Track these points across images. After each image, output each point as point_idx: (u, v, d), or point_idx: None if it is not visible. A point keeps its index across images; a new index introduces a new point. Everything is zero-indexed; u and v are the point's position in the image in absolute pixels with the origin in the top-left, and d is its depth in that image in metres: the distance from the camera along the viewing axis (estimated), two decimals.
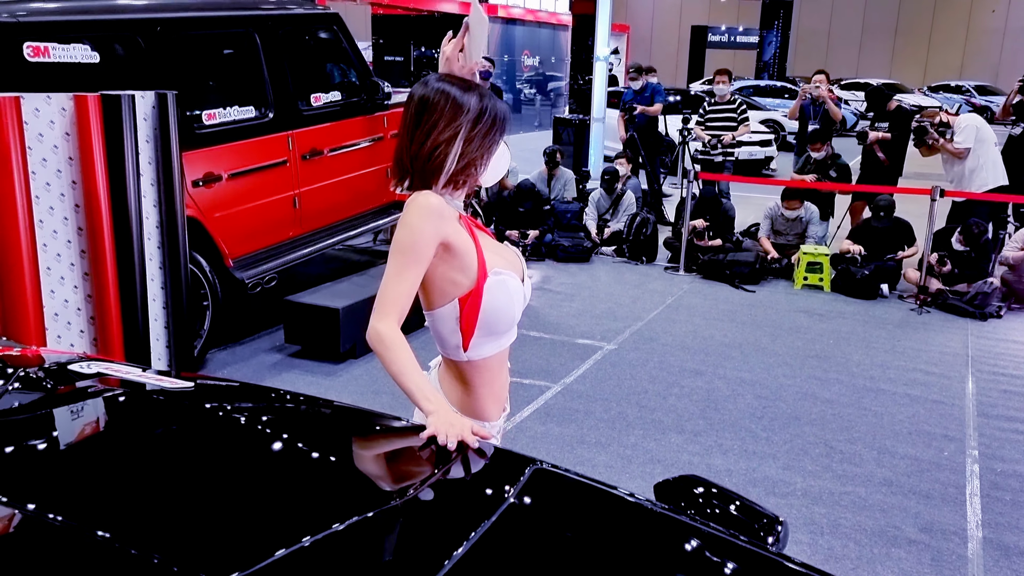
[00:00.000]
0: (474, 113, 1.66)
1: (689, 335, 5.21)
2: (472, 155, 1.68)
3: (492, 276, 1.69)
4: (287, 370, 4.49)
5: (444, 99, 1.65)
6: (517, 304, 1.75)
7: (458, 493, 1.39)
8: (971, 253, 6.03)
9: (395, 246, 1.63)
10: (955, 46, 30.85)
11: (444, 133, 1.64)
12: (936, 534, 3.06)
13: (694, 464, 3.54)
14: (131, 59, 4.09)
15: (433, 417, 1.52)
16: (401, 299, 1.62)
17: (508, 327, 1.77)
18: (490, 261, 1.71)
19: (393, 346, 1.60)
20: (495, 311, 1.70)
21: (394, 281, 1.62)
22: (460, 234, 1.68)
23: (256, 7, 4.99)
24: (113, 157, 3.58)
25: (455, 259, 1.67)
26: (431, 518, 1.28)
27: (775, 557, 1.36)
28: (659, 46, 33.93)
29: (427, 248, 1.63)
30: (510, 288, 1.72)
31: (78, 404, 1.63)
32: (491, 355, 1.77)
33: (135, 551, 1.06)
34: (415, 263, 1.62)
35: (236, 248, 4.62)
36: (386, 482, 1.41)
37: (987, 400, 4.32)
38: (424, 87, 1.68)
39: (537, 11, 17.69)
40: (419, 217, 1.62)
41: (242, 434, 1.55)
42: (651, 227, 7.05)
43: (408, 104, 1.70)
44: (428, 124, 1.65)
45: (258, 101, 4.76)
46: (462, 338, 1.72)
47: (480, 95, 1.68)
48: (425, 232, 1.61)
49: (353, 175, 5.49)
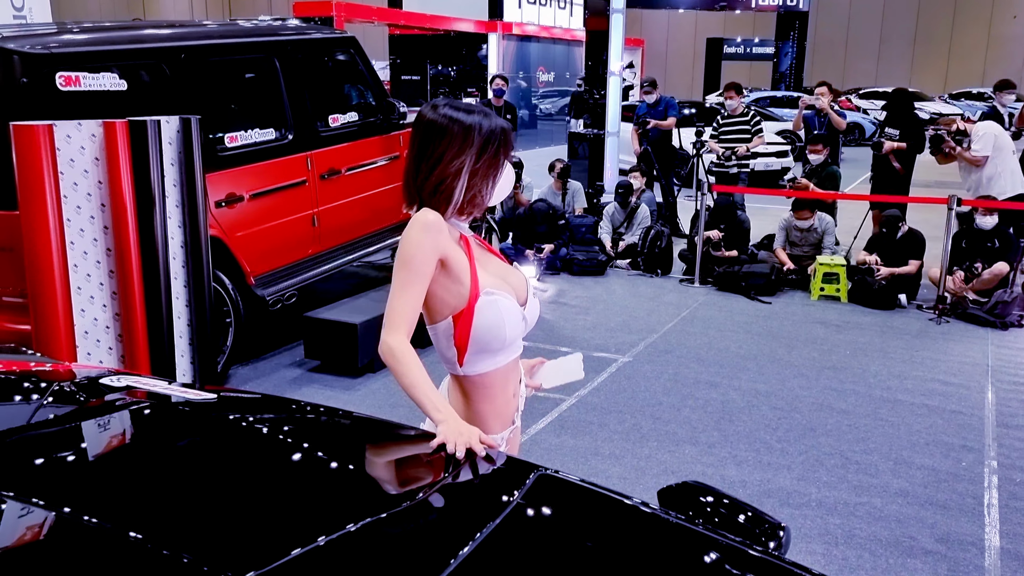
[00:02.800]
0: (478, 144, 1.72)
1: (704, 347, 5.23)
2: (478, 187, 1.75)
3: (484, 296, 1.74)
4: (307, 384, 4.58)
5: (450, 130, 1.70)
6: (510, 325, 1.78)
7: (464, 498, 1.45)
8: (995, 243, 6.00)
9: (398, 261, 1.70)
10: (976, 53, 30.59)
11: (450, 166, 1.71)
12: (953, 545, 3.06)
13: (708, 475, 3.56)
14: (157, 86, 4.23)
15: (443, 426, 1.58)
16: (407, 313, 1.68)
17: (501, 346, 1.80)
18: (483, 281, 1.75)
19: (403, 359, 1.66)
20: (486, 330, 1.75)
21: (399, 295, 1.69)
22: (457, 252, 1.74)
23: (276, 33, 5.14)
24: (140, 180, 3.71)
25: (450, 276, 1.73)
26: (436, 521, 1.34)
27: (781, 563, 1.39)
28: (674, 59, 34.01)
29: (427, 263, 1.69)
30: (501, 308, 1.76)
31: (109, 415, 1.71)
32: (488, 371, 1.82)
33: (166, 551, 1.13)
34: (417, 277, 1.68)
35: (257, 266, 4.74)
36: (394, 487, 1.47)
37: (1007, 410, 4.30)
38: (432, 112, 1.74)
39: (552, 27, 17.85)
40: (419, 232, 1.69)
41: (263, 442, 1.62)
42: (666, 240, 7.09)
43: (416, 127, 1.76)
44: (434, 156, 1.71)
45: (278, 123, 4.89)
46: (457, 354, 1.78)
47: (483, 121, 1.74)
48: (424, 246, 1.68)
49: (370, 193, 5.61)
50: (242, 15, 32.15)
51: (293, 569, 1.10)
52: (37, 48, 3.76)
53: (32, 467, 1.41)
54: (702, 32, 31.69)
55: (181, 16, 34.28)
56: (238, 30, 4.95)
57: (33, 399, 1.78)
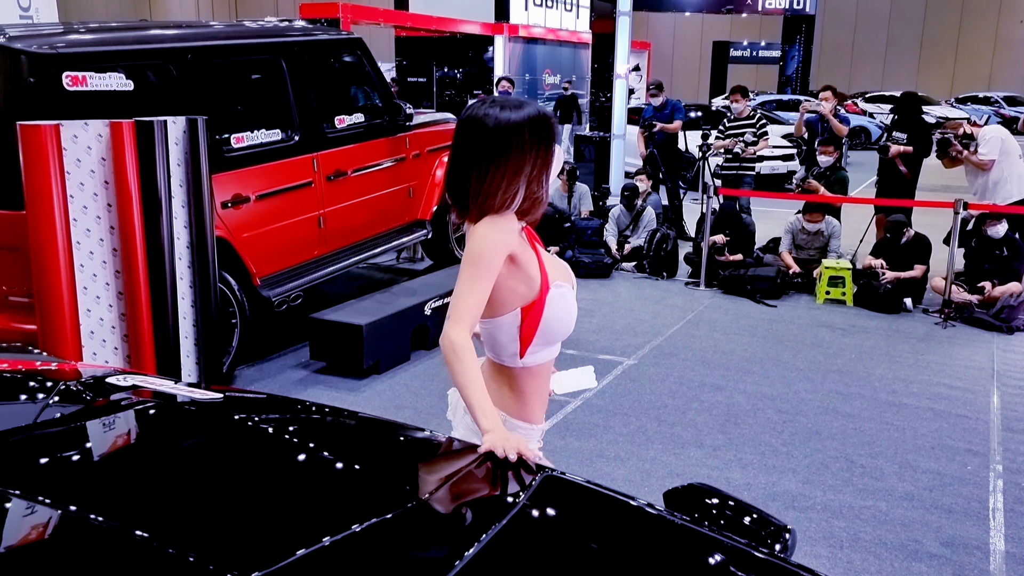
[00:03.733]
0: (536, 148, 1.72)
1: (709, 350, 5.23)
2: (537, 192, 1.76)
3: (554, 288, 1.78)
4: (312, 385, 4.59)
5: (511, 141, 1.69)
6: (573, 315, 1.84)
7: (470, 499, 1.45)
8: (1003, 251, 5.97)
9: (467, 257, 1.70)
10: (983, 57, 30.51)
11: (512, 185, 1.70)
12: (958, 548, 3.05)
13: (713, 478, 3.55)
14: (163, 86, 4.25)
15: (490, 435, 1.59)
16: (473, 308, 1.69)
17: (563, 336, 1.85)
18: (551, 274, 1.79)
19: (464, 356, 1.66)
20: (555, 321, 1.78)
21: (467, 291, 1.68)
22: (524, 247, 1.77)
23: (282, 34, 5.15)
24: (146, 180, 3.72)
25: (520, 271, 1.74)
26: (442, 522, 1.34)
27: (787, 565, 1.39)
28: (681, 62, 34.00)
29: (497, 260, 1.70)
30: (568, 300, 1.81)
31: (115, 414, 1.72)
32: (543, 362, 1.85)
33: (172, 550, 1.13)
34: (486, 274, 1.68)
35: (263, 267, 4.75)
36: (399, 487, 1.47)
37: (1013, 415, 4.28)
38: (490, 119, 1.70)
39: (558, 30, 17.86)
40: (490, 230, 1.69)
41: (268, 442, 1.63)
42: (671, 243, 7.08)
43: (472, 132, 1.73)
44: (499, 169, 1.70)
45: (284, 124, 4.90)
46: (520, 346, 1.78)
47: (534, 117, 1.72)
48: (497, 244, 1.69)
49: (376, 195, 5.61)
50: (248, 16, 32.28)
51: (298, 569, 1.10)
52: (44, 48, 3.78)
53: (38, 466, 1.41)
54: (708, 35, 31.69)
55: (187, 17, 34.42)
56: (244, 31, 4.97)
57: (39, 398, 1.79)
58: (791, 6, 22.22)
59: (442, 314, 5.20)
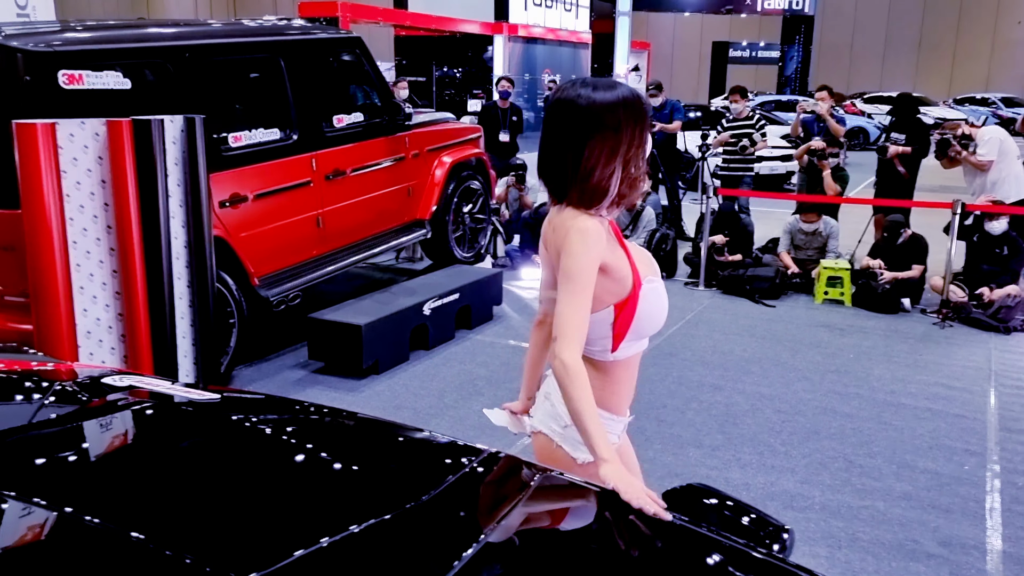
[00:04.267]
0: (631, 128, 1.69)
1: (708, 350, 5.22)
2: (634, 175, 1.74)
3: (646, 284, 1.78)
4: (311, 385, 4.58)
5: (605, 121, 1.67)
6: (665, 308, 1.84)
7: (468, 499, 1.44)
8: (1003, 249, 5.97)
9: (566, 274, 1.68)
10: (980, 58, 30.55)
11: (608, 165, 1.69)
12: (955, 548, 3.05)
13: (712, 478, 3.55)
14: (161, 85, 4.24)
15: (607, 467, 1.57)
16: (581, 326, 1.68)
17: (656, 329, 1.85)
18: (641, 269, 1.78)
19: (577, 380, 1.65)
20: (649, 316, 1.79)
21: (571, 309, 1.67)
22: (615, 248, 1.76)
23: (281, 33, 5.15)
24: (144, 180, 3.71)
25: (614, 273, 1.74)
26: (440, 523, 1.33)
27: (785, 565, 1.38)
28: (680, 63, 34.01)
29: (593, 272, 1.69)
30: (660, 293, 1.81)
31: (111, 414, 1.71)
32: (633, 355, 1.85)
33: (168, 552, 1.12)
34: (585, 288, 1.68)
35: (261, 267, 4.74)
36: (397, 488, 1.46)
37: (1010, 414, 4.29)
38: (584, 99, 1.67)
39: (557, 30, 17.86)
40: (584, 244, 1.67)
41: (266, 442, 1.62)
42: (671, 243, 7.08)
43: (566, 114, 1.70)
44: (594, 150, 1.67)
45: (283, 123, 4.90)
46: (613, 341, 1.78)
47: (627, 98, 1.70)
48: (592, 258, 1.68)
49: (375, 194, 5.61)
50: (247, 15, 32.24)
51: (295, 570, 1.10)
52: (40, 46, 3.77)
53: (33, 467, 1.41)
54: (708, 35, 31.72)
55: (185, 15, 34.38)
56: (243, 29, 4.96)
57: (35, 399, 1.78)
58: (790, 6, 22.25)
59: (441, 314, 5.21)
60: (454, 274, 5.72)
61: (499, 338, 5.41)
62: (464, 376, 4.73)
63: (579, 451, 1.81)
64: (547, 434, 1.87)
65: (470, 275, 5.71)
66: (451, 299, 5.29)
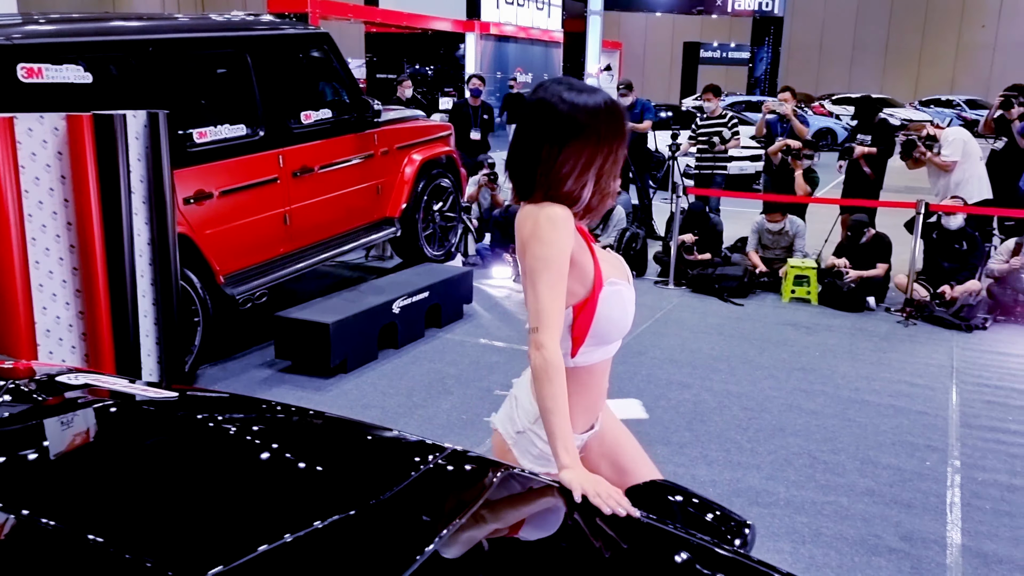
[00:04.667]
0: (609, 140, 1.66)
1: (677, 348, 5.26)
2: (606, 188, 1.71)
3: (608, 286, 1.71)
4: (277, 385, 4.53)
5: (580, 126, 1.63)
6: (630, 313, 1.77)
7: (431, 495, 1.43)
8: (963, 244, 6.09)
9: (540, 262, 1.62)
10: (946, 61, 31.19)
11: (583, 175, 1.65)
12: (916, 543, 3.10)
13: (679, 475, 3.57)
14: (123, 79, 4.16)
15: (569, 472, 1.53)
16: (559, 314, 1.63)
17: (619, 335, 1.78)
18: (605, 271, 1.73)
19: (555, 377, 1.61)
20: (608, 320, 1.72)
21: (549, 297, 1.61)
22: (581, 245, 1.70)
23: (247, 28, 5.08)
24: (105, 176, 3.64)
25: (576, 269, 1.68)
26: (403, 519, 1.32)
27: (748, 562, 1.39)
28: (652, 63, 34.24)
29: (567, 259, 1.64)
30: (624, 298, 1.75)
31: (66, 413, 1.67)
32: (596, 363, 1.78)
33: (125, 554, 1.10)
34: (561, 276, 1.63)
35: (227, 265, 4.67)
36: (359, 485, 1.45)
37: (970, 411, 4.38)
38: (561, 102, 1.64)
39: (529, 28, 17.87)
40: (557, 229, 1.62)
41: (224, 440, 1.59)
42: (640, 242, 7.12)
43: (541, 115, 1.66)
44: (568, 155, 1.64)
45: (249, 119, 4.83)
46: (572, 345, 1.72)
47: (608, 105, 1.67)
48: (565, 243, 1.63)
49: (343, 192, 5.56)
50: (215, 10, 31.79)
51: (252, 569, 1.08)
52: None
53: None
54: (679, 36, 31.97)
55: (153, 10, 33.80)
56: (208, 24, 4.89)
57: None
58: (760, 8, 22.51)
59: (411, 312, 5.18)
60: (424, 272, 5.70)
61: (469, 337, 5.40)
62: (433, 375, 4.71)
63: (525, 459, 1.77)
64: (502, 435, 1.83)
65: (440, 273, 5.69)
66: (421, 297, 5.27)
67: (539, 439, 1.76)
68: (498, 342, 5.28)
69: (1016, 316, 5.94)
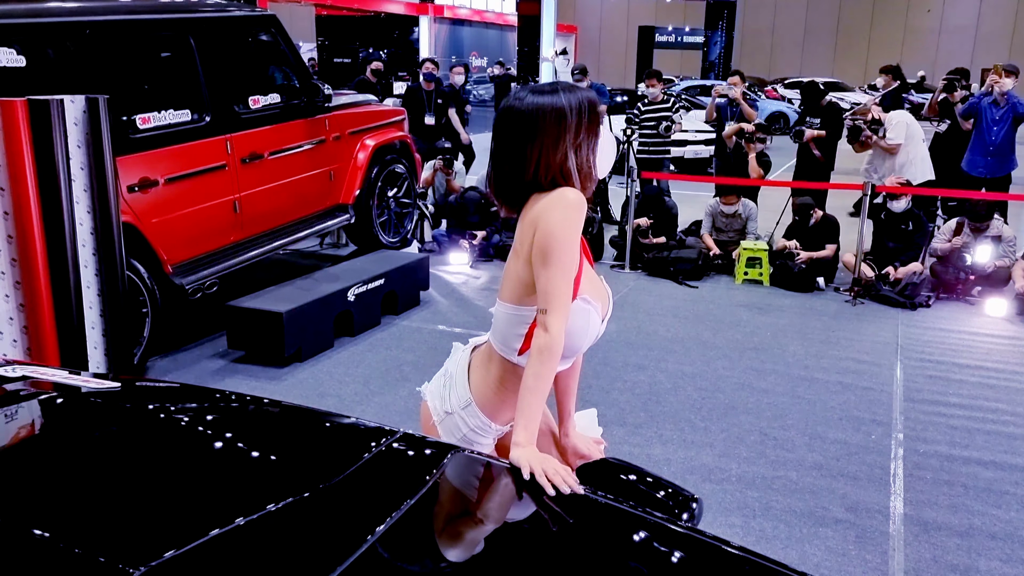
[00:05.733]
0: (572, 119, 1.66)
1: (633, 331, 5.32)
2: (585, 159, 1.69)
3: (580, 300, 1.69)
4: (230, 375, 4.46)
5: (543, 116, 1.64)
6: (589, 337, 1.76)
7: (382, 478, 1.43)
8: (908, 225, 6.26)
9: (558, 242, 1.60)
10: (893, 45, 31.90)
11: (558, 153, 1.65)
12: (861, 513, 3.20)
13: (635, 455, 3.63)
14: (60, 63, 4.02)
15: (521, 450, 1.55)
16: (569, 298, 1.63)
17: (572, 354, 1.77)
18: (584, 286, 1.71)
19: (549, 362, 1.61)
20: (568, 335, 1.67)
21: (562, 279, 1.61)
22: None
23: (191, 10, 4.94)
24: (43, 163, 3.52)
25: None
26: (355, 502, 1.32)
27: (703, 537, 1.41)
28: (607, 46, 34.32)
29: (579, 243, 1.65)
30: (590, 320, 1.73)
31: (3, 406, 1.62)
32: None
33: (68, 545, 1.07)
34: (574, 259, 1.63)
35: (175, 254, 4.57)
36: (309, 471, 1.44)
37: (914, 385, 4.52)
38: (519, 103, 1.67)
39: (484, 12, 17.75)
40: (570, 211, 1.62)
41: (166, 430, 1.56)
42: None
43: (506, 122, 1.69)
44: (537, 147, 1.65)
45: (194, 104, 4.71)
46: (523, 344, 1.71)
47: (566, 93, 1.69)
48: (577, 225, 1.63)
49: (295, 178, 5.47)
50: None
51: (191, 558, 1.07)
52: None
53: None
54: (634, 20, 32.07)
55: None
56: (149, 6, 4.74)
57: None
58: None
59: (366, 300, 5.13)
60: (379, 259, 5.65)
61: (426, 323, 5.38)
62: (390, 362, 4.68)
63: (448, 440, 1.78)
64: (430, 410, 1.85)
65: (396, 260, 5.64)
66: (376, 285, 5.23)
67: (464, 424, 1.78)
68: (456, 328, 5.27)
69: (958, 294, 6.14)
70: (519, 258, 1.70)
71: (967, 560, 2.92)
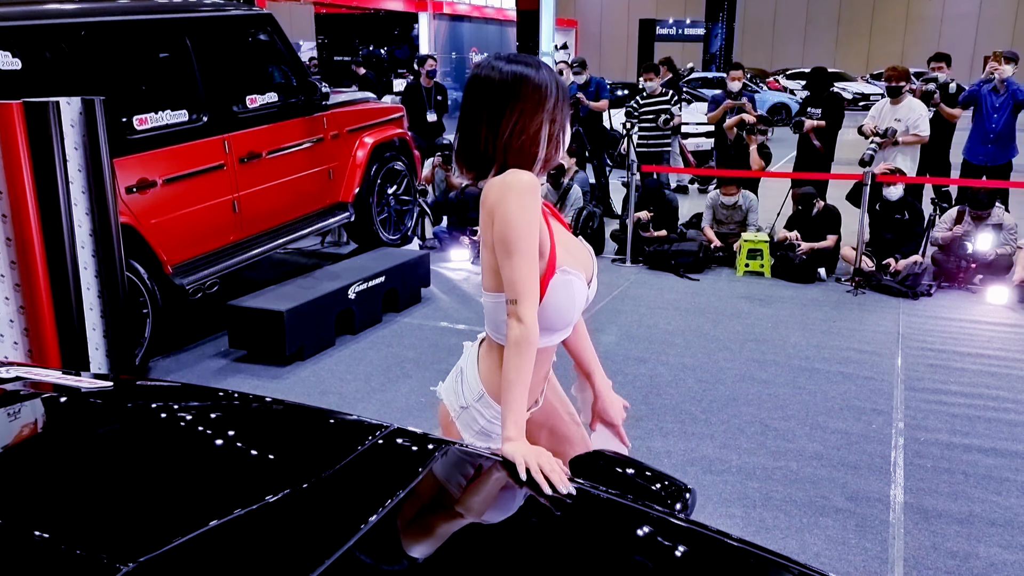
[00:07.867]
0: (552, 91, 1.64)
1: (634, 324, 5.32)
2: (557, 134, 1.67)
3: (559, 274, 1.67)
4: (232, 375, 4.48)
5: (524, 84, 1.62)
6: (578, 306, 1.74)
7: (372, 473, 1.43)
8: (904, 214, 6.23)
9: (516, 231, 1.58)
10: (895, 34, 31.72)
11: (534, 122, 1.63)
12: (861, 502, 3.20)
13: (635, 448, 3.61)
14: (56, 65, 4.03)
15: (512, 445, 1.54)
16: (536, 284, 1.61)
17: (564, 326, 1.75)
18: (560, 257, 1.68)
19: (527, 353, 1.59)
20: (555, 309, 1.68)
21: (526, 267, 1.58)
22: (541, 223, 1.66)
23: (187, 10, 4.94)
24: (40, 166, 3.53)
25: None
26: (339, 497, 1.32)
27: (705, 530, 1.41)
28: (608, 40, 34.21)
29: (536, 227, 1.61)
30: (574, 289, 1.71)
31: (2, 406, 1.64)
32: (540, 348, 1.72)
33: (48, 541, 1.08)
34: (533, 243, 1.60)
35: (174, 254, 4.58)
36: (294, 468, 1.45)
37: (914, 374, 4.51)
38: (497, 72, 1.64)
39: (483, 7, 17.72)
40: (524, 196, 1.59)
41: (164, 428, 1.57)
42: (597, 220, 7.15)
43: (481, 89, 1.65)
44: (515, 113, 1.62)
45: (192, 105, 4.72)
46: None
47: (547, 69, 1.66)
48: (536, 210, 1.60)
49: (294, 177, 5.48)
50: None
51: (187, 551, 1.08)
52: None
53: None
54: (635, 13, 31.95)
55: None
56: (144, 7, 4.75)
57: None
58: None
59: (367, 297, 5.14)
60: (380, 257, 5.66)
61: (427, 320, 5.39)
62: (392, 359, 4.69)
63: (467, 433, 1.79)
64: (447, 408, 1.85)
65: (396, 257, 5.65)
66: (377, 282, 5.24)
67: (481, 416, 1.77)
68: (458, 324, 5.28)
69: (959, 282, 6.12)
70: (487, 247, 1.69)
71: (967, 547, 2.92)
